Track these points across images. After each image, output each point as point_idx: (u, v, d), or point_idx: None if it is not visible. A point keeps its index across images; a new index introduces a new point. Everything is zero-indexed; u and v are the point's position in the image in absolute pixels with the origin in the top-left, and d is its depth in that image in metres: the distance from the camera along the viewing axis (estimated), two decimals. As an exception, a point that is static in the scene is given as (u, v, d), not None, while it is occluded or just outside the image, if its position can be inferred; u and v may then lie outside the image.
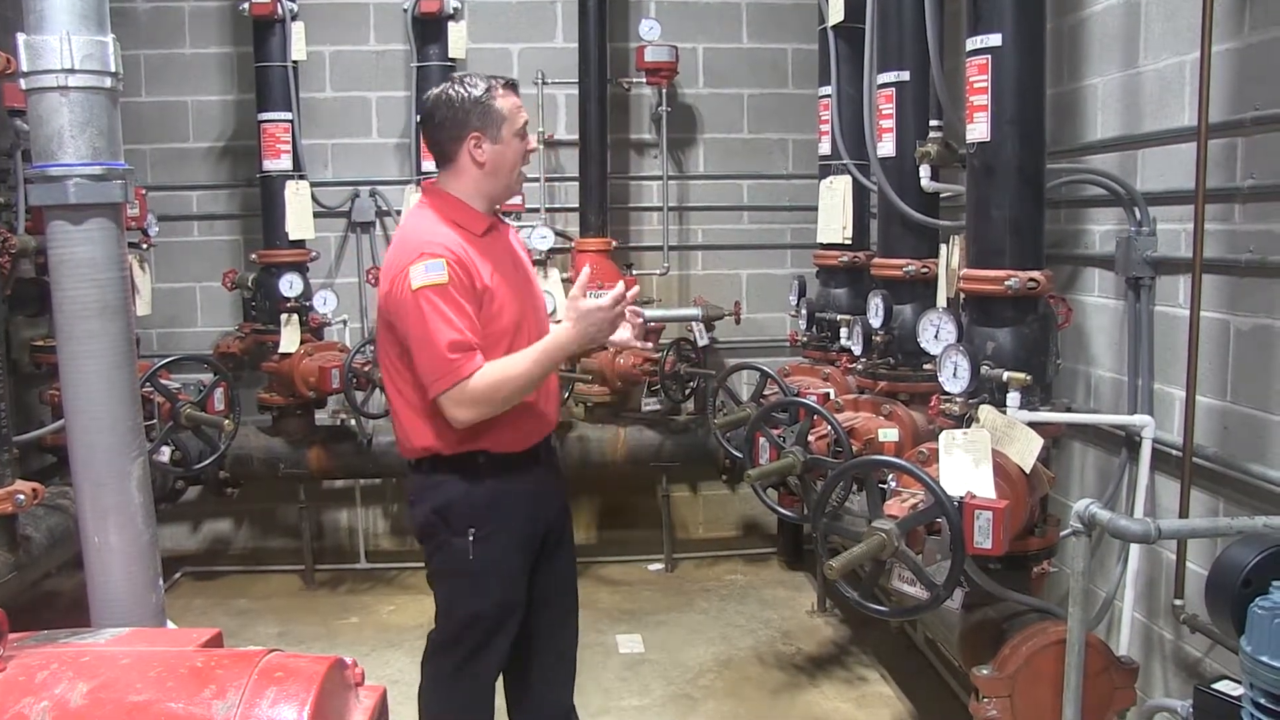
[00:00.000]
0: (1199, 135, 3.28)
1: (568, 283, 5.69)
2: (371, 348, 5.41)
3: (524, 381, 2.88)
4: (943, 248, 3.96)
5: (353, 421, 5.64)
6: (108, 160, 2.32)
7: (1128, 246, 3.72)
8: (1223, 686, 2.57)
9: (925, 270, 4.14)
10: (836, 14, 4.80)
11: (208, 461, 4.85)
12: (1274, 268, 3.14)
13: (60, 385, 2.39)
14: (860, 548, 2.85)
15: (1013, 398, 3.14)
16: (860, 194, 4.92)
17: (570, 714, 3.48)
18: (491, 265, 2.94)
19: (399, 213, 5.90)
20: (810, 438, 3.82)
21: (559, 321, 3.40)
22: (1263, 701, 2.21)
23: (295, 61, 5.50)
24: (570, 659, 3.47)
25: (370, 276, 5.91)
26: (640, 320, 3.25)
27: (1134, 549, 3.56)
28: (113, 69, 2.31)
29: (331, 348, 5.57)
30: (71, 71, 2.24)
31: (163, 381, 4.52)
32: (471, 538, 2.99)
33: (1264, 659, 2.19)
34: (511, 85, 3.07)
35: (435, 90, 3.00)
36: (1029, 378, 3.13)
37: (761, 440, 3.94)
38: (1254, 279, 3.24)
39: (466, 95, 2.94)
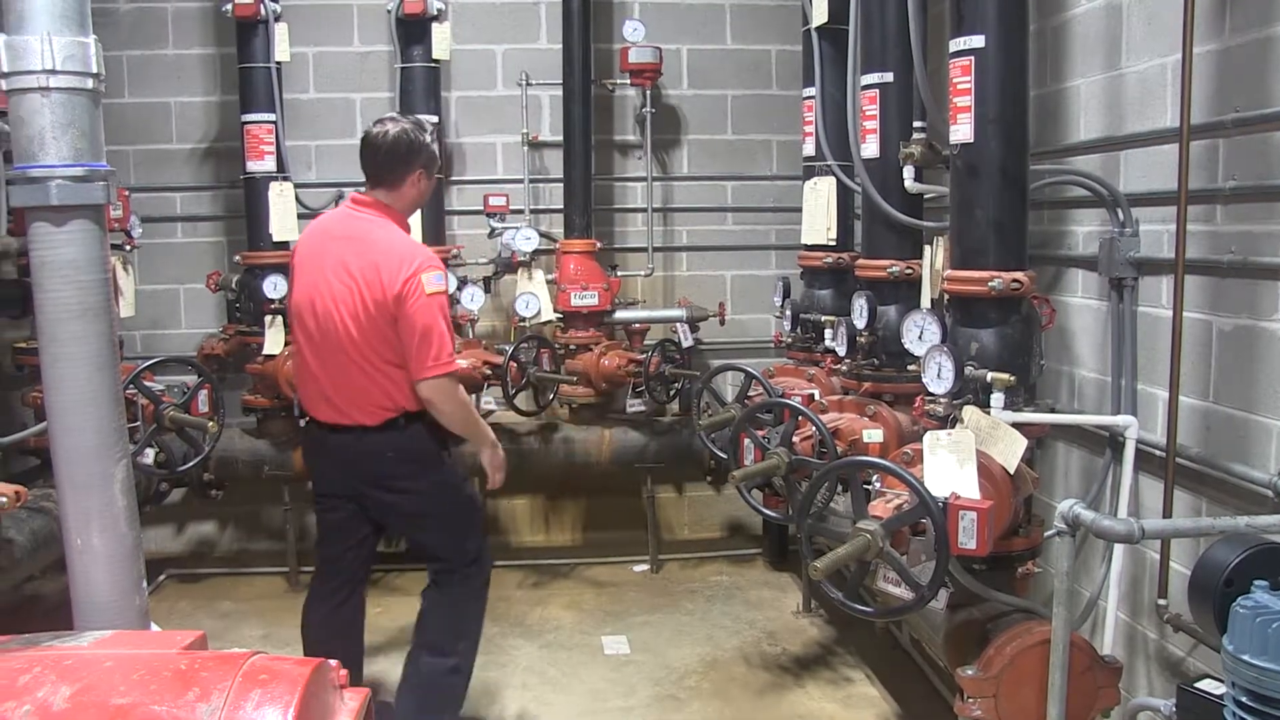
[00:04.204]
0: (1181, 137, 3.30)
1: (552, 284, 5.69)
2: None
3: (473, 422, 3.79)
4: (927, 249, 3.97)
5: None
6: (90, 161, 2.30)
7: (1111, 247, 3.74)
8: (1206, 685, 2.59)
9: (909, 271, 4.15)
10: (820, 15, 4.81)
11: (192, 464, 4.82)
12: (1255, 268, 3.16)
13: (43, 387, 2.38)
14: (845, 548, 2.86)
15: (997, 398, 3.15)
16: (844, 195, 4.93)
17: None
18: None
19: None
20: (795, 439, 3.82)
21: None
22: (1245, 700, 2.22)
23: (278, 62, 5.48)
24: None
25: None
26: None
27: (1118, 549, 3.57)
28: (94, 70, 2.30)
29: (315, 349, 5.55)
30: (53, 72, 2.23)
31: (146, 383, 4.49)
32: (445, 474, 3.79)
33: (1246, 658, 2.20)
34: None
35: (393, 126, 3.64)
36: (1013, 378, 3.14)
37: (746, 441, 3.95)
38: (1236, 280, 3.26)
39: (422, 140, 3.68)
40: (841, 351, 4.39)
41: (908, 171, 3.99)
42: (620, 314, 5.85)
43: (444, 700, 3.81)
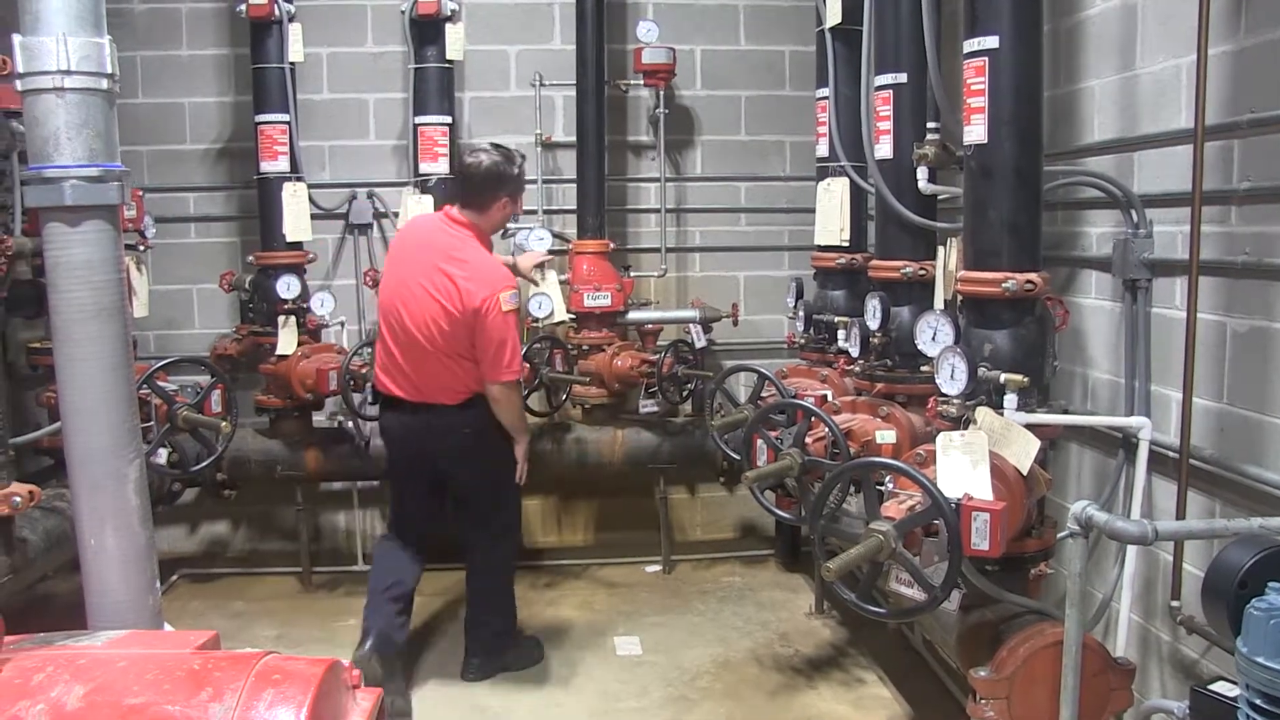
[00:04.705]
0: (1195, 138, 3.28)
1: (565, 284, 5.69)
2: (369, 349, 5.45)
3: (518, 421, 4.49)
4: (940, 249, 3.96)
5: (350, 423, 5.63)
6: (104, 162, 2.32)
7: (1125, 248, 3.73)
8: (1219, 688, 2.58)
9: (923, 272, 4.14)
10: (834, 16, 4.81)
11: (205, 463, 4.83)
12: (1270, 269, 3.15)
13: (57, 387, 2.39)
14: (858, 549, 2.85)
15: (1010, 399, 3.14)
16: (858, 196, 4.92)
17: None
18: None
19: (396, 215, 5.90)
20: (808, 439, 3.82)
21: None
22: (1258, 702, 2.21)
23: (292, 63, 5.48)
24: None
25: (368, 278, 5.92)
26: None
27: (1131, 551, 3.56)
28: (109, 70, 2.31)
29: (329, 349, 5.56)
30: (68, 73, 2.25)
31: (160, 383, 4.51)
32: (507, 452, 4.50)
33: (1260, 660, 2.19)
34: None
35: (485, 158, 4.25)
36: (1026, 379, 3.13)
37: (759, 442, 3.94)
38: (1250, 281, 3.24)
39: (511, 171, 4.30)
40: (854, 352, 4.39)
41: (921, 172, 3.97)
42: (633, 314, 5.85)
43: (497, 655, 4.66)
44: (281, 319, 5.46)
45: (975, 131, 3.24)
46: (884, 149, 4.23)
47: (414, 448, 4.44)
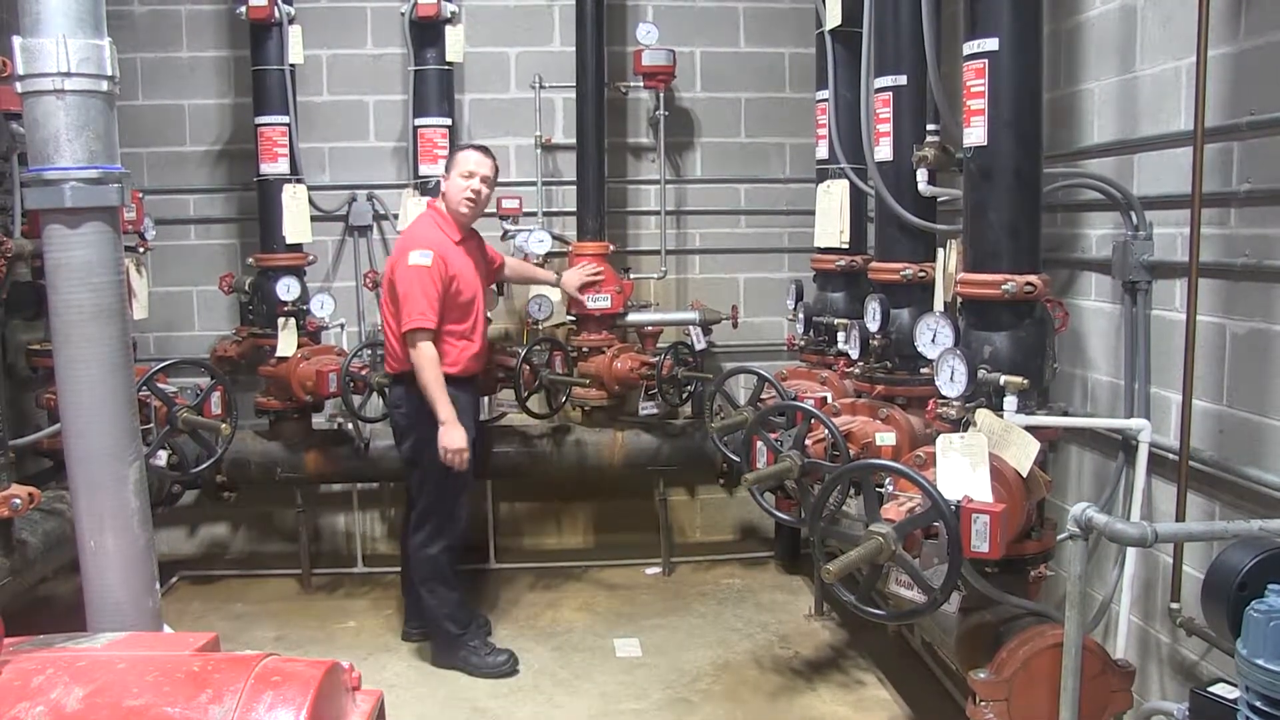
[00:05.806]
0: (1195, 140, 3.28)
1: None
2: (369, 351, 5.44)
3: (426, 381, 4.41)
4: (940, 251, 3.96)
5: (350, 425, 5.63)
6: (104, 164, 2.32)
7: (1124, 251, 3.73)
8: (1219, 690, 2.58)
9: (923, 274, 4.14)
10: (834, 18, 4.81)
11: (205, 465, 4.83)
12: (1270, 271, 3.15)
13: (57, 389, 2.39)
14: (857, 551, 2.86)
15: (1010, 401, 3.14)
16: (858, 198, 4.92)
17: None
18: (460, 261, 4.61)
19: (396, 216, 5.90)
20: (807, 441, 3.82)
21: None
22: (1258, 704, 2.21)
23: (292, 65, 5.49)
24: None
25: (368, 280, 5.92)
26: None
27: (1131, 553, 3.56)
28: (109, 72, 2.31)
29: (329, 351, 5.56)
30: (68, 75, 2.25)
31: (160, 385, 4.51)
32: (433, 437, 4.45)
33: (1260, 662, 2.19)
34: (480, 148, 4.76)
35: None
36: (1026, 381, 3.13)
37: (759, 444, 3.95)
38: (1250, 283, 3.24)
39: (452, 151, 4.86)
40: (854, 354, 4.38)
41: (921, 174, 3.97)
42: (633, 316, 5.85)
43: (441, 639, 4.76)
44: (281, 321, 5.46)
45: (975, 133, 3.24)
46: (884, 151, 4.23)
47: None
